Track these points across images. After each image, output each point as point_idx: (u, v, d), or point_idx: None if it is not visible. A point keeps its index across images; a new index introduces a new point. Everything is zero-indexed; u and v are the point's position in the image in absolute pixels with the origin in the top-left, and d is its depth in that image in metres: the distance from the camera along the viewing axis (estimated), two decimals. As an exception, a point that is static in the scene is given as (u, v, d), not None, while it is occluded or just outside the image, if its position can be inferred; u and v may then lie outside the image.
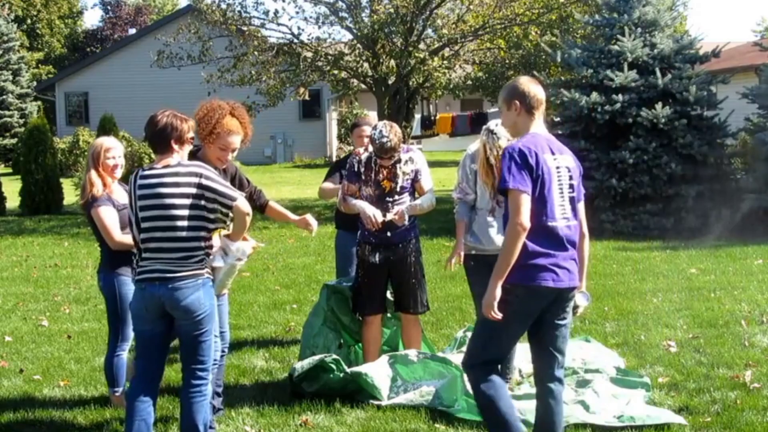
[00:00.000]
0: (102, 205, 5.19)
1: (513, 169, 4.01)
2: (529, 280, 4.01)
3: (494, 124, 5.37)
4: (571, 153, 4.28)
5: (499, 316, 4.00)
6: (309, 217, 5.33)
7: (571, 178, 4.16)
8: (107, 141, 5.43)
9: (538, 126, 4.22)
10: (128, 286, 5.17)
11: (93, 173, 5.26)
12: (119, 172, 5.39)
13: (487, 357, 4.16)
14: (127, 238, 5.04)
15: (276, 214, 5.46)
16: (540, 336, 4.18)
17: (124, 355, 5.46)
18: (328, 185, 6.41)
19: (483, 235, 5.47)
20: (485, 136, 5.37)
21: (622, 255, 11.01)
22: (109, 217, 5.19)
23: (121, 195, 5.28)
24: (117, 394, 5.47)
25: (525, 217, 3.93)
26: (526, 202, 3.96)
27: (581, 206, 4.27)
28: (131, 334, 5.33)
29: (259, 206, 5.36)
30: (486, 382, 4.13)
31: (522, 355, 5.57)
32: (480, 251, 5.45)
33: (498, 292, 4.00)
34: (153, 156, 4.60)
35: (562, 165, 4.14)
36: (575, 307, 4.27)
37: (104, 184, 5.29)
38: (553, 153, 4.13)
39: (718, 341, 6.60)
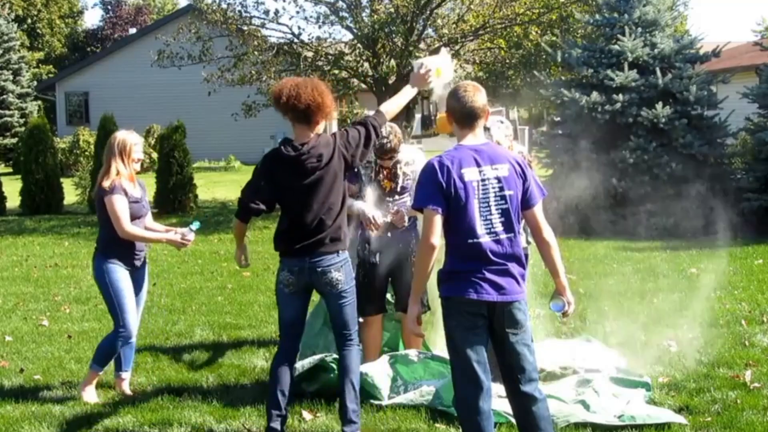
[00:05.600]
0: (117, 194, 5.42)
1: (423, 187, 4.03)
2: (453, 292, 4.02)
3: (491, 122, 5.35)
4: (513, 160, 4.07)
5: (420, 332, 4.17)
6: None
7: (502, 189, 3.99)
8: (134, 136, 5.66)
9: (473, 137, 4.08)
10: (117, 274, 5.43)
11: (120, 163, 5.49)
12: (138, 166, 5.67)
13: (466, 379, 4.02)
14: (135, 229, 5.43)
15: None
16: (498, 352, 4.09)
17: (132, 339, 5.63)
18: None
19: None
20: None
21: (622, 255, 11.00)
22: (121, 206, 5.41)
23: (133, 189, 5.53)
24: (122, 377, 5.72)
25: (434, 237, 3.96)
26: (436, 221, 3.96)
27: (536, 212, 4.08)
28: (129, 320, 5.46)
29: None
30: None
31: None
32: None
33: (416, 308, 4.12)
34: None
35: (489, 177, 3.98)
36: (564, 314, 4.19)
37: (130, 177, 5.54)
38: (479, 165, 3.99)
39: (718, 341, 6.60)
